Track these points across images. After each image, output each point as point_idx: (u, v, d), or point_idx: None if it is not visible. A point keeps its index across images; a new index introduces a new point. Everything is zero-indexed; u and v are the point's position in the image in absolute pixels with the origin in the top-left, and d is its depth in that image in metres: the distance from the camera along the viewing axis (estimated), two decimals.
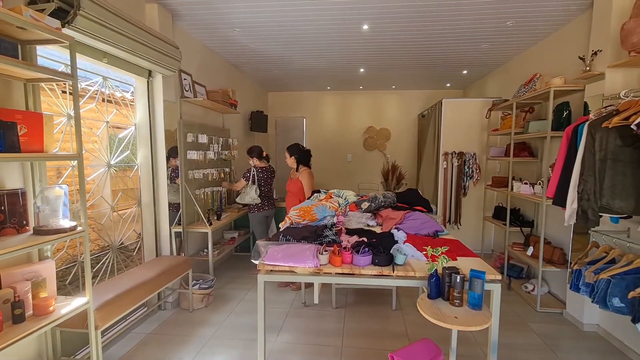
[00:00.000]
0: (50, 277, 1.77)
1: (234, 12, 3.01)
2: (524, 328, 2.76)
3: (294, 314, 2.99)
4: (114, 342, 2.49)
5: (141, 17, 2.75)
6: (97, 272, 2.55)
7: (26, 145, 1.57)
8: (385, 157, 6.58)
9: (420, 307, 1.50)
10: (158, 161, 3.02)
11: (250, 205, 3.67)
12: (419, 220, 2.38)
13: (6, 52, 1.46)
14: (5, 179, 1.70)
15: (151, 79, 2.94)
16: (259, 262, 1.77)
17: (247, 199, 3.61)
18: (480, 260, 1.81)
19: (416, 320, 2.84)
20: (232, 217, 3.90)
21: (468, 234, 4.52)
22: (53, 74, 1.68)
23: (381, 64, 4.67)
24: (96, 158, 2.58)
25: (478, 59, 4.38)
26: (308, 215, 2.34)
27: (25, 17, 1.48)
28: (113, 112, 2.72)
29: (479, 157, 4.44)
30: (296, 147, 3.52)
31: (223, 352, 2.40)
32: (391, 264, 1.72)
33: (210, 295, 3.16)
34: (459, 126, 4.49)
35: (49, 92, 2.17)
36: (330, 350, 2.43)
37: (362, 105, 6.58)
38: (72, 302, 1.77)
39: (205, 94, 3.72)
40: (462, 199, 4.51)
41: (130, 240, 2.97)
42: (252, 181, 3.64)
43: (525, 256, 3.26)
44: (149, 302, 2.90)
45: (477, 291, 1.45)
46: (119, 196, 2.81)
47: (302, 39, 3.70)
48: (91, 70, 2.49)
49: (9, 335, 1.45)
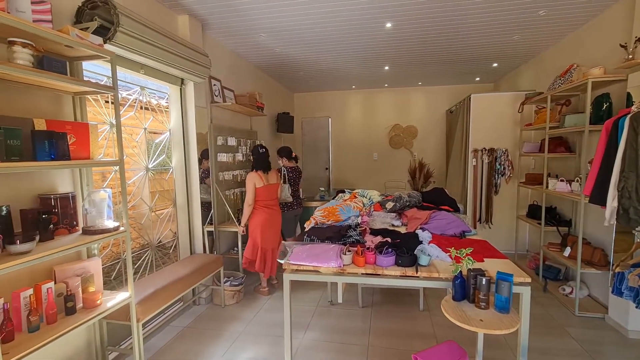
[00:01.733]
0: (97, 273, 1.95)
1: (260, 18, 3.10)
2: (561, 333, 2.64)
3: (321, 312, 3.05)
4: (154, 334, 2.67)
5: (173, 28, 2.91)
6: (137, 269, 2.75)
7: (75, 153, 1.74)
8: (412, 155, 6.47)
9: (444, 309, 1.49)
10: (191, 164, 3.19)
11: (281, 205, 3.76)
12: (445, 220, 2.34)
13: (57, 69, 1.62)
14: (57, 184, 1.89)
15: (184, 87, 3.10)
16: (284, 261, 1.83)
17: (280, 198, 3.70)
18: (509, 262, 1.76)
19: (444, 322, 2.80)
20: None
21: (500, 234, 4.36)
22: (97, 87, 1.84)
23: (406, 61, 4.60)
24: (135, 162, 2.77)
25: (509, 51, 4.20)
26: (332, 216, 2.38)
27: (72, 36, 1.64)
28: (150, 118, 2.91)
29: (511, 153, 4.26)
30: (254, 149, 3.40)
31: (253, 347, 2.50)
32: (415, 265, 1.72)
33: (241, 292, 3.29)
34: (489, 122, 4.33)
35: (94, 103, 2.36)
36: (356, 349, 2.46)
37: (388, 103, 6.51)
38: (117, 296, 1.93)
39: (234, 98, 3.86)
40: (493, 197, 4.35)
41: (167, 238, 3.16)
42: (283, 180, 3.74)
43: (562, 257, 3.10)
44: (184, 297, 3.07)
45: (503, 294, 1.42)
46: (156, 198, 3.00)
47: (326, 41, 3.73)
48: (130, 81, 2.68)
49: (63, 326, 1.61)
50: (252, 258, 3.29)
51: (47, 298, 1.63)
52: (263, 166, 3.33)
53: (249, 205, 3.27)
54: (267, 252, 3.34)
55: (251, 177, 3.26)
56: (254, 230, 3.29)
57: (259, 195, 3.28)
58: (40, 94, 1.79)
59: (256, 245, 3.28)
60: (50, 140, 1.57)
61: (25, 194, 1.71)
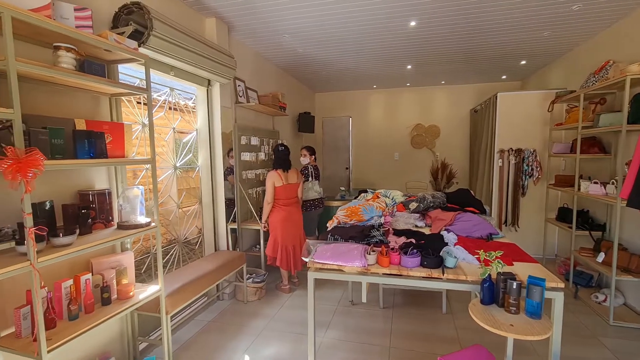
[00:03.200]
0: (130, 266, 2.04)
1: (284, 20, 3.14)
2: (594, 342, 2.52)
3: (342, 311, 3.05)
4: (180, 327, 2.76)
5: (201, 30, 3.00)
6: (165, 263, 2.85)
7: (111, 152, 1.82)
8: (434, 155, 6.35)
9: (472, 312, 1.46)
10: (216, 163, 3.27)
11: (307, 204, 3.77)
12: (471, 222, 2.30)
13: (97, 72, 1.71)
14: (95, 181, 1.99)
15: (210, 87, 3.19)
16: (309, 259, 1.85)
17: (312, 194, 3.73)
18: (539, 266, 1.71)
19: (468, 326, 2.74)
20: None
21: (527, 237, 4.21)
22: (132, 89, 1.93)
23: (430, 60, 4.53)
24: (164, 161, 2.88)
25: (539, 48, 4.05)
26: (355, 216, 2.38)
27: (110, 40, 1.72)
28: (178, 119, 3.01)
29: (540, 154, 4.11)
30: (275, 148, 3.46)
31: (275, 343, 2.54)
32: (441, 267, 1.70)
33: (263, 289, 3.34)
34: (516, 121, 4.19)
35: (127, 103, 2.47)
36: (377, 350, 2.45)
37: (410, 103, 6.42)
38: (147, 289, 2.01)
39: (257, 99, 3.93)
40: (520, 199, 4.21)
41: (192, 235, 3.26)
42: (312, 177, 3.80)
43: (596, 263, 2.96)
44: (209, 292, 3.16)
45: (535, 299, 1.38)
46: (183, 195, 3.10)
47: (348, 40, 3.73)
48: (160, 83, 2.79)
49: (100, 315, 1.70)
50: (273, 255, 3.35)
51: (86, 288, 1.72)
52: (283, 165, 3.36)
53: (268, 203, 3.32)
54: (289, 249, 3.38)
55: (270, 176, 3.31)
56: (274, 228, 3.34)
57: (278, 194, 3.33)
58: (80, 96, 1.89)
59: (277, 242, 3.34)
60: (89, 139, 1.66)
61: (66, 190, 1.81)
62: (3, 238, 1.43)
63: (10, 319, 1.55)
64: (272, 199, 3.32)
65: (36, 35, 1.55)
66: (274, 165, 3.38)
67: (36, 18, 1.36)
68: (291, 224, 3.40)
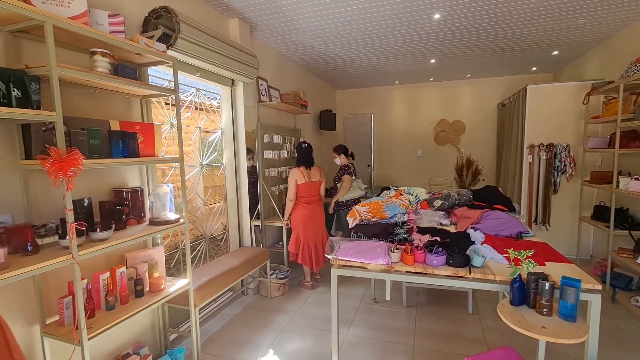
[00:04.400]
0: (161, 260, 2.12)
1: (305, 18, 3.15)
2: (635, 348, 2.38)
3: (364, 309, 3.05)
4: (207, 320, 2.85)
5: (225, 31, 3.06)
6: (192, 259, 2.95)
7: (143, 151, 1.91)
8: (459, 151, 6.18)
9: (501, 313, 1.42)
10: (240, 161, 3.34)
11: (340, 203, 3.74)
12: (500, 220, 2.22)
13: (129, 75, 1.79)
14: (128, 179, 2.09)
15: (234, 87, 3.26)
16: (332, 256, 1.86)
17: (358, 192, 3.70)
18: (574, 267, 1.63)
19: (496, 327, 2.66)
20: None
21: (559, 236, 4.02)
22: (162, 91, 2.00)
23: (455, 53, 4.40)
24: (191, 159, 2.97)
25: (572, 37, 3.83)
26: (378, 213, 2.36)
27: (141, 44, 1.80)
28: (204, 118, 3.09)
29: (574, 149, 3.90)
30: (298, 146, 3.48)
31: (298, 339, 2.58)
32: (467, 266, 1.66)
33: (286, 285, 3.39)
34: (547, 115, 4.00)
35: (156, 104, 2.57)
36: (401, 348, 2.43)
37: (433, 98, 6.27)
38: (177, 283, 2.10)
39: (279, 97, 3.97)
40: (551, 197, 4.02)
41: (218, 231, 3.35)
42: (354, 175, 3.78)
43: (636, 264, 2.79)
44: (234, 287, 3.24)
45: (570, 301, 1.32)
46: (209, 192, 3.19)
47: (370, 37, 3.69)
48: (186, 84, 2.87)
49: (134, 306, 1.79)
50: (295, 251, 3.39)
51: (121, 281, 1.81)
52: (305, 162, 3.39)
53: (290, 200, 3.36)
54: (310, 246, 3.41)
55: (293, 174, 3.34)
56: (296, 225, 3.38)
57: (300, 191, 3.36)
58: (114, 98, 1.98)
59: (299, 239, 3.38)
60: (123, 139, 1.74)
61: (102, 187, 1.91)
62: (48, 232, 1.53)
63: (54, 308, 1.67)
64: (295, 196, 3.35)
65: (74, 41, 1.64)
66: (296, 162, 3.42)
67: (76, 25, 1.44)
68: (313, 221, 3.42)
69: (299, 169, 3.35)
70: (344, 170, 3.73)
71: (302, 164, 3.38)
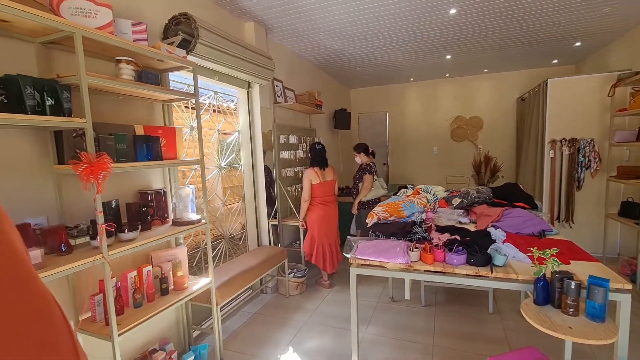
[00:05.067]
0: (184, 259, 2.19)
1: (319, 18, 3.17)
2: None
3: (382, 308, 3.05)
4: (228, 317, 2.92)
5: (241, 35, 3.11)
6: (213, 258, 3.01)
7: (166, 154, 1.97)
8: (477, 147, 6.06)
9: (525, 313, 1.40)
10: (257, 161, 3.40)
11: (362, 202, 3.70)
12: (521, 218, 2.18)
13: (152, 81, 1.85)
14: (152, 181, 2.16)
15: (250, 89, 3.31)
16: (350, 255, 1.87)
17: (380, 192, 3.68)
18: (601, 266, 1.59)
19: (518, 327, 2.61)
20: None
21: (584, 234, 3.90)
22: (182, 95, 2.07)
23: (471, 47, 4.32)
24: (210, 161, 3.04)
25: (596, 27, 3.69)
26: (395, 212, 2.35)
27: (163, 51, 1.86)
28: (222, 121, 3.16)
29: (598, 143, 3.77)
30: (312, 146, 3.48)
31: (317, 337, 2.61)
32: (489, 265, 1.64)
33: (304, 283, 3.43)
34: (570, 108, 3.88)
35: (176, 108, 2.64)
36: (420, 347, 2.42)
37: (449, 94, 6.17)
38: (199, 281, 2.16)
39: (294, 98, 4.00)
40: (574, 193, 3.90)
41: (236, 231, 3.42)
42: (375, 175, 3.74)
43: None
44: (253, 285, 3.30)
45: (598, 301, 1.29)
46: (228, 193, 3.26)
47: (384, 34, 3.67)
48: (205, 87, 2.94)
49: (159, 304, 1.85)
50: (310, 251, 3.42)
51: (147, 279, 1.89)
52: (320, 163, 3.40)
53: (305, 201, 3.38)
54: (325, 246, 3.43)
55: (307, 174, 3.36)
56: (312, 225, 3.41)
57: (315, 191, 3.38)
58: (138, 103, 2.06)
59: (313, 239, 3.42)
60: (147, 143, 1.80)
61: (128, 189, 1.99)
62: (80, 233, 1.60)
63: (87, 306, 1.75)
64: (309, 197, 3.37)
65: (100, 50, 1.72)
66: (311, 163, 3.44)
67: (103, 35, 1.50)
68: (327, 222, 3.44)
69: (313, 169, 3.37)
70: (364, 169, 3.70)
71: (316, 165, 3.40)
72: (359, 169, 3.78)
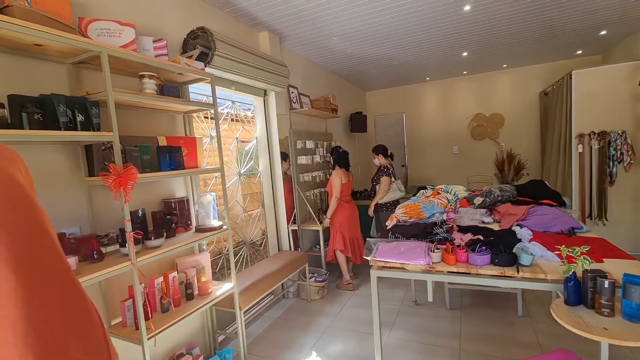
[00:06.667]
0: (207, 265, 2.25)
1: (332, 23, 3.20)
2: None
3: (406, 311, 2.99)
4: (252, 322, 2.96)
5: (255, 44, 3.19)
6: (235, 263, 3.07)
7: (187, 163, 2.04)
8: (499, 145, 5.88)
9: (555, 314, 1.35)
10: (275, 167, 3.45)
11: (379, 205, 3.69)
12: (549, 216, 2.10)
13: (173, 94, 1.93)
14: (175, 190, 2.24)
15: (266, 97, 3.38)
16: (370, 258, 1.86)
17: (398, 194, 3.70)
18: (637, 263, 1.50)
19: (549, 330, 2.50)
20: None
21: (619, 232, 3.69)
22: (202, 106, 2.14)
23: (489, 43, 4.22)
24: (230, 168, 3.12)
25: (623, 13, 3.52)
26: (415, 213, 2.32)
27: (182, 65, 1.93)
28: (240, 129, 3.24)
29: (631, 135, 3.58)
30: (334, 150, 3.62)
31: (340, 341, 2.59)
32: (515, 265, 1.59)
33: (325, 288, 3.43)
34: (597, 100, 3.71)
35: (196, 118, 2.73)
36: (447, 352, 2.36)
37: (467, 92, 6.04)
38: (223, 287, 2.20)
39: (310, 103, 4.04)
40: (607, 189, 3.71)
41: (257, 237, 3.47)
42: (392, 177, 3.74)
43: None
44: (275, 290, 3.32)
45: (635, 300, 1.22)
46: (247, 199, 3.32)
47: (397, 35, 3.66)
48: (223, 97, 3.03)
49: (185, 309, 1.91)
50: (343, 248, 3.48)
51: (173, 285, 1.94)
52: (346, 164, 3.56)
53: (336, 198, 3.45)
54: (354, 241, 3.58)
55: (337, 173, 3.48)
56: (341, 224, 3.49)
57: (343, 191, 3.50)
58: (160, 116, 2.15)
59: (344, 237, 3.50)
60: (170, 153, 1.88)
61: (153, 198, 2.07)
62: (110, 241, 1.69)
63: (117, 311, 1.82)
64: (340, 194, 3.48)
65: (124, 67, 1.81)
66: (338, 163, 3.55)
67: (127, 53, 1.59)
68: (353, 218, 3.62)
69: (341, 169, 3.51)
70: (382, 171, 3.70)
71: (342, 166, 3.53)
72: (377, 171, 3.78)
